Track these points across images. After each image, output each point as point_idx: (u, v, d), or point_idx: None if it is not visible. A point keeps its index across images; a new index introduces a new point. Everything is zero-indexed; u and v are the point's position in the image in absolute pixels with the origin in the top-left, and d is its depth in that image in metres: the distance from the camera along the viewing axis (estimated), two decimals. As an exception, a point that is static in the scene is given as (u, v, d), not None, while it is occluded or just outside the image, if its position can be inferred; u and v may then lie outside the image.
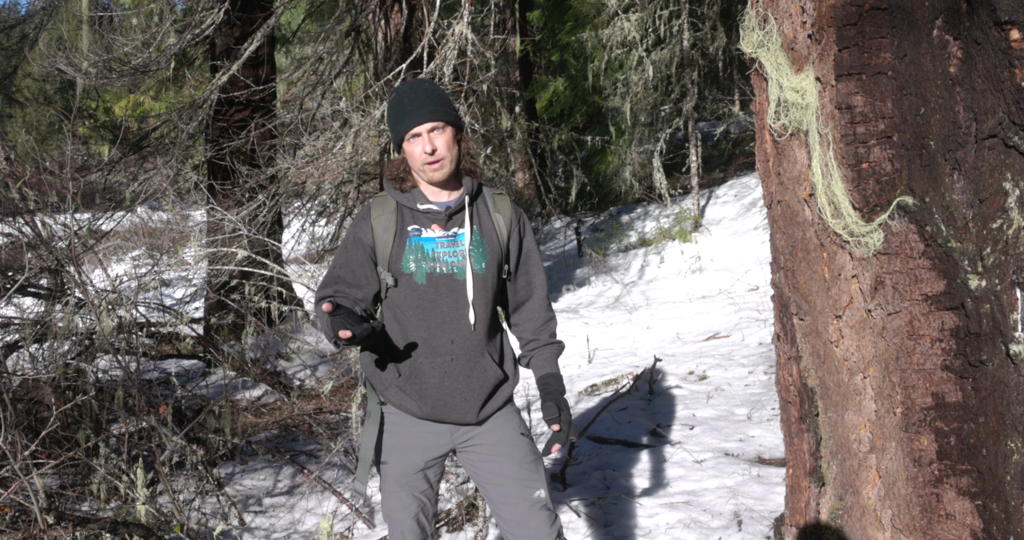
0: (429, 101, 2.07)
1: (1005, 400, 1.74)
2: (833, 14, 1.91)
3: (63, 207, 4.17)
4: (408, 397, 2.13)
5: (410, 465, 2.16)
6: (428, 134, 2.05)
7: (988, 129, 1.76)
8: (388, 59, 5.95)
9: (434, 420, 2.14)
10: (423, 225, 2.11)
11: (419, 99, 2.07)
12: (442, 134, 2.06)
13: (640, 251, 9.90)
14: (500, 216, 2.18)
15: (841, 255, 2.00)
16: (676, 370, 5.61)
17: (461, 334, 2.10)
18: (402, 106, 2.08)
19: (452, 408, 2.11)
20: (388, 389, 2.16)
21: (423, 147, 2.04)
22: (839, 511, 2.09)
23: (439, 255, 2.09)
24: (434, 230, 2.11)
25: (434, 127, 2.05)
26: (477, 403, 2.12)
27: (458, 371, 2.10)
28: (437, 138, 2.05)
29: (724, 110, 11.25)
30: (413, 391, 2.12)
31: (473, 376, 2.11)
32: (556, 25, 12.52)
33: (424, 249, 2.09)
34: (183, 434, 3.84)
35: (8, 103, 10.48)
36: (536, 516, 2.14)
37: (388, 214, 2.14)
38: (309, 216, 8.59)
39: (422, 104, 2.06)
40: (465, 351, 2.10)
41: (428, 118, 2.04)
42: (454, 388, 2.10)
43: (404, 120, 2.06)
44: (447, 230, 2.11)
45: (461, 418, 2.12)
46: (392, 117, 2.11)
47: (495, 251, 2.14)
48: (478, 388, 2.11)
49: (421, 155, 2.05)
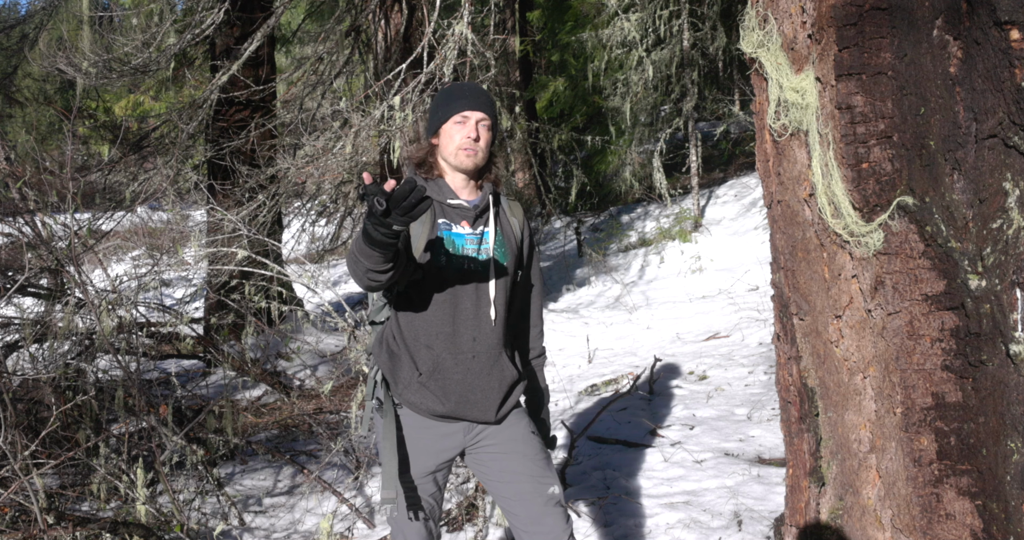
0: (487, 98, 2.15)
1: (1005, 400, 1.74)
2: (833, 14, 1.91)
3: (63, 207, 4.17)
4: (431, 394, 2.11)
5: (421, 468, 2.15)
6: (477, 123, 2.11)
7: (988, 129, 1.76)
8: (388, 59, 5.95)
9: (454, 418, 2.13)
10: (452, 220, 2.13)
11: (477, 92, 2.15)
12: (487, 131, 2.13)
13: (640, 251, 9.90)
14: (515, 220, 2.24)
15: (841, 255, 2.00)
16: (676, 370, 5.62)
17: (483, 332, 2.11)
18: (460, 91, 2.14)
19: (473, 405, 2.11)
20: (408, 387, 2.13)
21: (468, 132, 2.10)
22: (839, 511, 2.09)
23: (467, 251, 2.12)
24: (463, 227, 2.13)
25: (484, 119, 2.12)
26: (496, 401, 2.13)
27: (480, 368, 2.10)
28: (483, 131, 2.12)
29: (724, 110, 11.25)
30: (436, 387, 2.10)
31: (493, 374, 2.12)
32: (556, 25, 12.52)
33: (455, 244, 2.11)
34: (183, 434, 3.84)
35: (8, 103, 10.48)
36: (551, 513, 2.13)
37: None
38: (309, 216, 8.59)
39: (479, 96, 2.14)
40: (486, 349, 2.11)
41: (483, 108, 2.12)
42: (476, 385, 2.10)
43: (458, 102, 2.11)
44: (474, 228, 2.14)
45: (481, 416, 2.12)
46: (444, 99, 2.16)
47: (513, 252, 2.19)
48: (497, 386, 2.12)
49: (463, 139, 2.09)
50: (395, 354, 2.16)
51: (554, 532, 2.13)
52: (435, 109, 2.18)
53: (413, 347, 2.13)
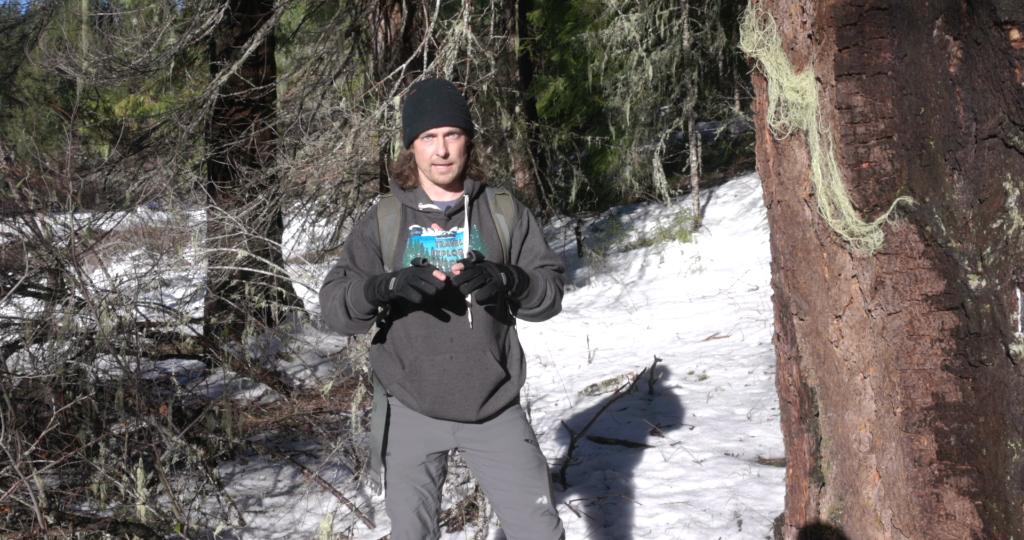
0: (451, 105, 2.09)
1: (1005, 400, 1.74)
2: (833, 14, 1.91)
3: (63, 207, 4.17)
4: (408, 393, 2.17)
5: (411, 457, 2.19)
6: (444, 138, 2.08)
7: (988, 129, 1.76)
8: (388, 59, 5.95)
9: (434, 417, 2.17)
10: (423, 224, 2.14)
11: (441, 101, 2.09)
12: (456, 140, 2.10)
13: (640, 251, 9.90)
14: (501, 216, 2.19)
15: (841, 255, 2.00)
16: (676, 370, 5.62)
17: (460, 332, 2.11)
18: (423, 104, 2.10)
19: (451, 405, 2.13)
20: (392, 384, 2.20)
21: (436, 149, 2.07)
22: (839, 511, 2.09)
23: (438, 254, 2.11)
24: (433, 229, 2.13)
25: (451, 131, 2.08)
26: (477, 401, 2.13)
27: (457, 369, 2.11)
28: (451, 143, 2.09)
29: (724, 110, 11.25)
30: (413, 388, 2.15)
31: (473, 374, 2.11)
32: (556, 25, 12.52)
33: (423, 248, 2.11)
34: (183, 434, 3.84)
35: (8, 103, 10.48)
36: (539, 521, 2.18)
37: (393, 214, 2.16)
38: (309, 216, 8.60)
39: (444, 107, 2.08)
40: (465, 349, 2.11)
41: (447, 122, 2.07)
42: (453, 386, 2.11)
43: (423, 119, 2.08)
44: (446, 229, 2.13)
45: (460, 415, 2.14)
46: (410, 113, 2.13)
47: (496, 250, 2.16)
48: (478, 386, 2.12)
49: (433, 156, 2.08)
50: (385, 351, 2.22)
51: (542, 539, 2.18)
52: (405, 121, 2.16)
53: (399, 346, 2.17)
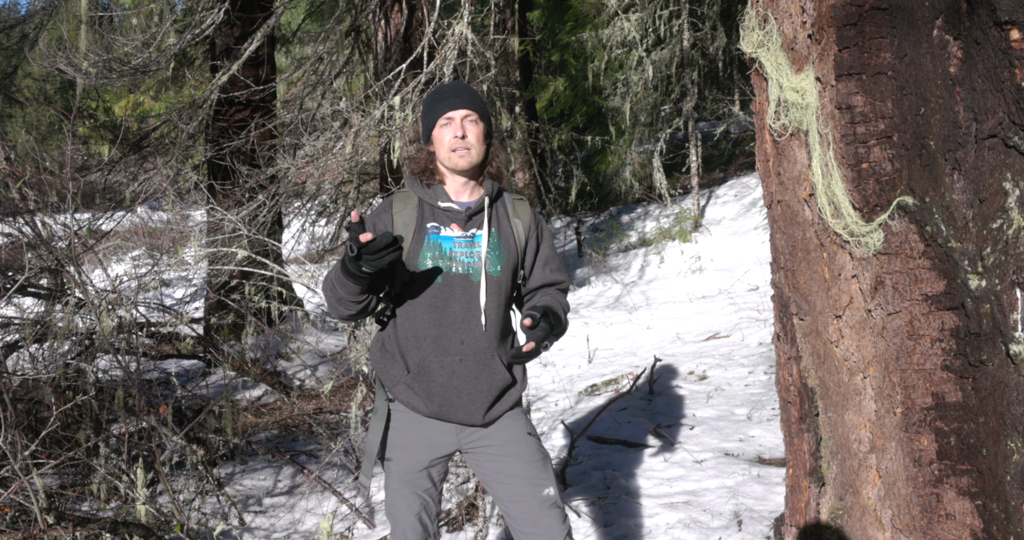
0: (468, 93, 2.14)
1: (1005, 400, 1.74)
2: (833, 14, 1.91)
3: (63, 207, 4.17)
4: (416, 395, 2.14)
5: (414, 463, 2.16)
6: (462, 121, 2.10)
7: (988, 129, 1.76)
8: (388, 59, 5.95)
9: (440, 419, 2.15)
10: (442, 223, 2.13)
11: (458, 90, 2.14)
12: (475, 126, 2.12)
13: (640, 251, 9.90)
14: (519, 221, 2.20)
15: (841, 255, 2.00)
16: (676, 370, 5.62)
17: (472, 335, 2.10)
18: (440, 94, 2.14)
19: (458, 408, 2.11)
20: (396, 386, 2.16)
21: (455, 131, 2.09)
22: (839, 511, 2.09)
23: (456, 255, 2.10)
24: (453, 229, 2.12)
25: (468, 115, 2.11)
26: (484, 405, 2.12)
27: (466, 372, 2.10)
28: (469, 127, 2.10)
29: (724, 110, 11.25)
30: (421, 389, 2.12)
31: (481, 378, 2.11)
32: (556, 25, 12.52)
33: (442, 247, 2.10)
34: (183, 434, 3.84)
35: (8, 103, 10.48)
36: (547, 514, 2.14)
37: (410, 210, 2.15)
38: (309, 216, 8.59)
39: (460, 93, 2.13)
40: (475, 352, 2.10)
41: (465, 105, 2.10)
42: (461, 388, 2.10)
43: (440, 105, 2.11)
44: (465, 231, 2.13)
45: (467, 419, 2.13)
46: (428, 105, 2.16)
47: (511, 255, 2.16)
48: (486, 390, 2.11)
49: (451, 140, 2.09)
50: (388, 352, 2.19)
51: (550, 533, 2.13)
52: (423, 117, 2.19)
53: (404, 347, 2.15)
